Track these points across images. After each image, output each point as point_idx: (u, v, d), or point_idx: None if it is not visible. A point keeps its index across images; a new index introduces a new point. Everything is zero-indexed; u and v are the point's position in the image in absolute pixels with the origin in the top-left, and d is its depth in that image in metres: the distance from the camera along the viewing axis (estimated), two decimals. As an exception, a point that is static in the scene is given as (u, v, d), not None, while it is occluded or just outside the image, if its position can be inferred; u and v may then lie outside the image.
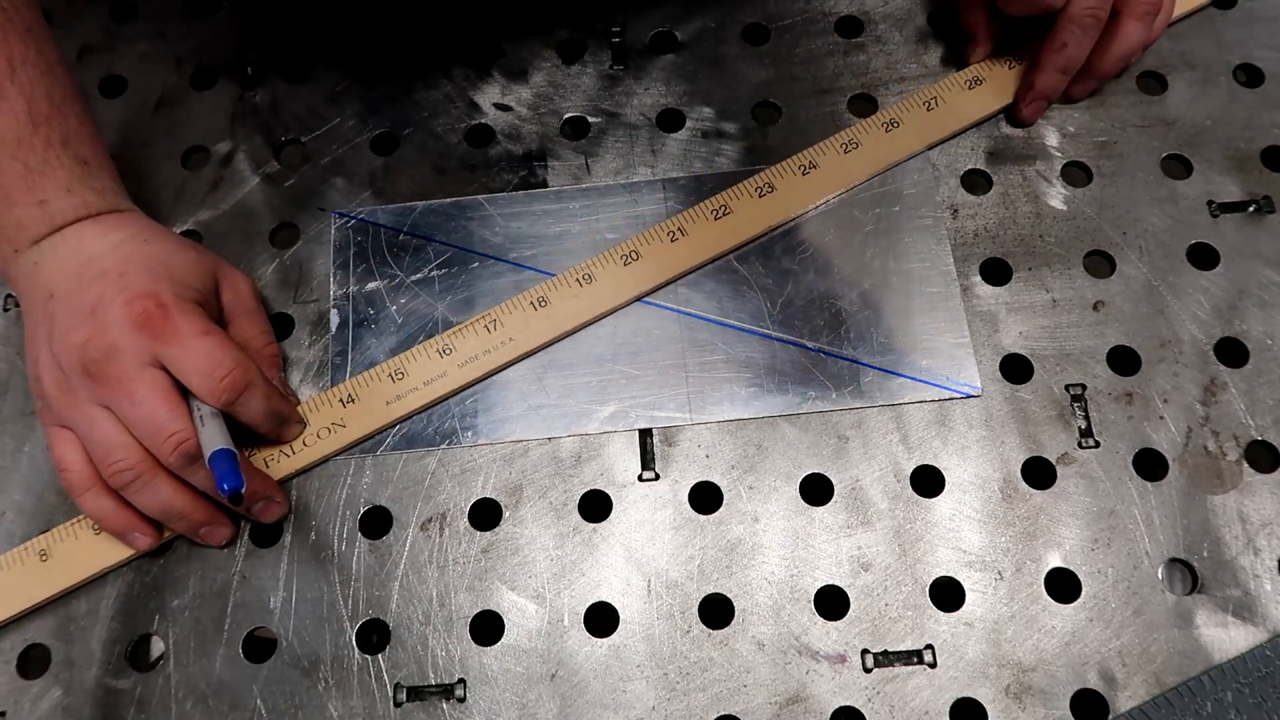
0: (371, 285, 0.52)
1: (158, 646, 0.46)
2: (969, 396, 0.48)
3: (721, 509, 0.47)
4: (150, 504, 0.44)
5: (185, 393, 0.44)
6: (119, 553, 0.46)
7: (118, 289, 0.44)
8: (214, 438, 0.43)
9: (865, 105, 0.55)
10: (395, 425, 0.49)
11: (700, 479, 0.47)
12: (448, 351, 0.49)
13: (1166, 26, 0.54)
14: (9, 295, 0.53)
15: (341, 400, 0.49)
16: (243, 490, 0.42)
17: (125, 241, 0.46)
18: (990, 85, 0.54)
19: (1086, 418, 0.47)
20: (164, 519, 0.45)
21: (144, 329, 0.43)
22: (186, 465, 0.43)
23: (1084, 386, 0.48)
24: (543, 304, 0.50)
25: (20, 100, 0.45)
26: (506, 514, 0.47)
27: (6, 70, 0.45)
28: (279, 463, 0.47)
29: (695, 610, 0.45)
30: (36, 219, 0.45)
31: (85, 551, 0.46)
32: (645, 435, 0.48)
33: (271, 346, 0.50)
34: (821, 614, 0.44)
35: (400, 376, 0.49)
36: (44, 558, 0.46)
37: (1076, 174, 0.53)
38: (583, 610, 0.45)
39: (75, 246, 0.46)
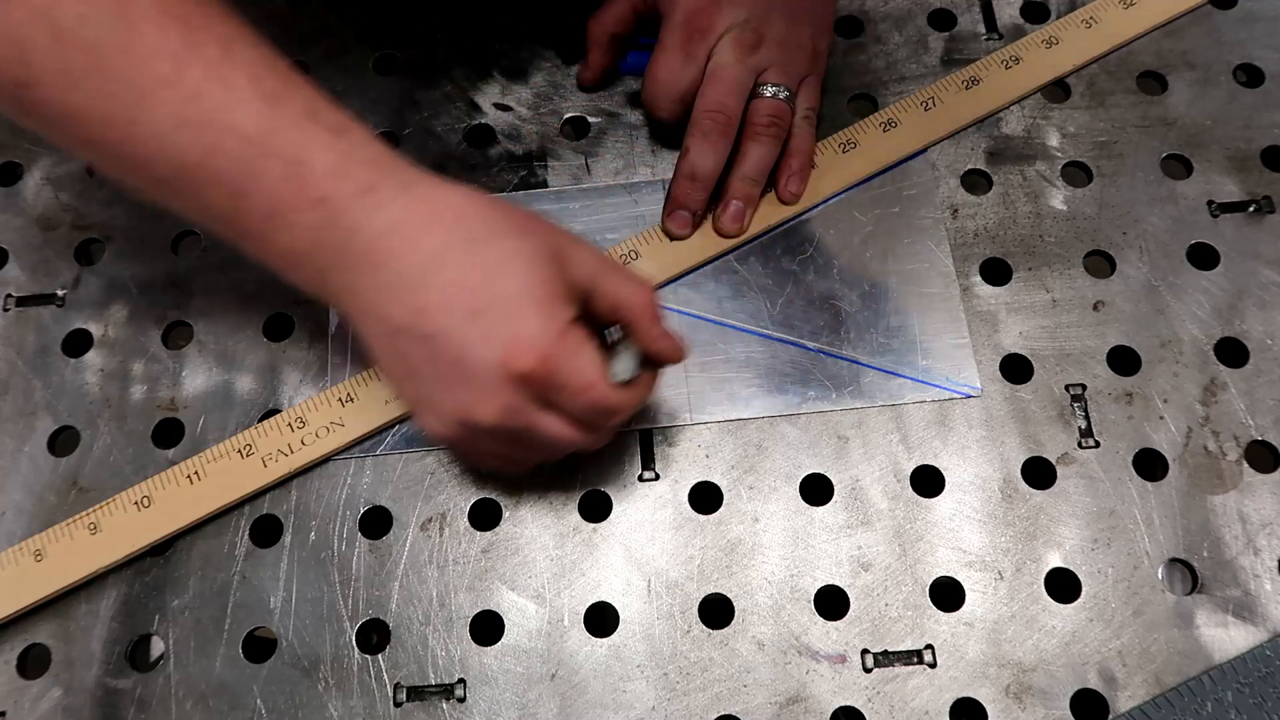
0: (371, 285, 0.52)
1: (158, 646, 0.46)
2: (969, 396, 0.48)
3: (721, 509, 0.47)
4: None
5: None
6: (114, 553, 0.46)
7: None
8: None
9: (865, 105, 0.55)
10: (394, 424, 0.48)
11: (700, 479, 0.47)
12: (448, 351, 0.49)
13: (809, 166, 0.51)
14: (9, 295, 0.53)
15: (340, 400, 0.48)
16: None
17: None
18: (986, 86, 0.54)
19: (1086, 418, 0.47)
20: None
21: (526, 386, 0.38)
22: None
23: (1084, 386, 0.48)
24: (543, 304, 0.50)
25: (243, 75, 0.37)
26: (506, 514, 0.47)
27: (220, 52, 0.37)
28: (278, 462, 0.47)
29: (695, 610, 0.45)
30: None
31: (81, 552, 0.46)
32: (645, 435, 0.48)
33: (643, 292, 0.41)
34: (821, 614, 0.44)
35: (400, 376, 0.49)
36: (39, 558, 0.46)
37: (1076, 174, 0.53)
38: (583, 610, 0.45)
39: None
